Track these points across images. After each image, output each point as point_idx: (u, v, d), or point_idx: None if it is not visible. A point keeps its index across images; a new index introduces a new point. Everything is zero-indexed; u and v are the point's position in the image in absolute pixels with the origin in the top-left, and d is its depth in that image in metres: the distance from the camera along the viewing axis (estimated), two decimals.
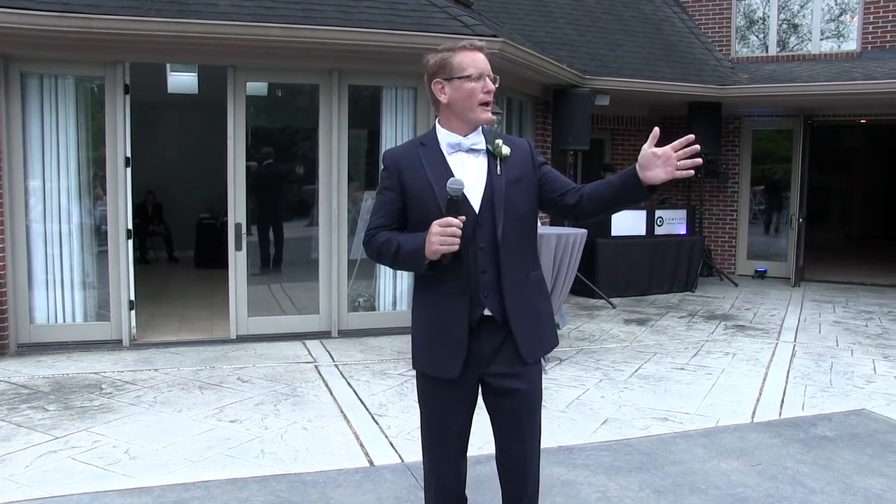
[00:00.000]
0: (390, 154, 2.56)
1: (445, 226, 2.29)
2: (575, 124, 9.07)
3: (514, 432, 2.53)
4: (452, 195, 2.32)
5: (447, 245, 2.30)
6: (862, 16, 11.02)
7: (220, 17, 6.15)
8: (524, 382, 2.49)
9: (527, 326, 2.48)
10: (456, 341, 2.44)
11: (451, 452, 2.61)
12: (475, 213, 2.42)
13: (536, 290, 2.56)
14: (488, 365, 2.48)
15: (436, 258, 2.34)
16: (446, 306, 2.46)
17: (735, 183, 11.73)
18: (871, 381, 5.79)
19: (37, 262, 6.41)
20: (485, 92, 2.42)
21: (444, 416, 2.55)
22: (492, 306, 2.44)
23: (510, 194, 2.45)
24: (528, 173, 2.51)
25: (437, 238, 2.30)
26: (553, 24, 10.59)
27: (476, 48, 2.47)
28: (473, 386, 2.53)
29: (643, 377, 5.84)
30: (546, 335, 2.58)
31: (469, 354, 2.45)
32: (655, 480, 3.85)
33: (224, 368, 5.87)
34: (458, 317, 2.43)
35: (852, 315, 8.58)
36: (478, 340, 2.46)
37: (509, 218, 2.44)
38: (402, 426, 4.57)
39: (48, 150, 6.37)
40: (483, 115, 2.45)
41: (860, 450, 4.32)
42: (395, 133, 7.24)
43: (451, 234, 2.30)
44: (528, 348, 2.49)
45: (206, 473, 3.85)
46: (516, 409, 2.50)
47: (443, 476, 2.64)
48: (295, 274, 8.15)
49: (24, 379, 5.49)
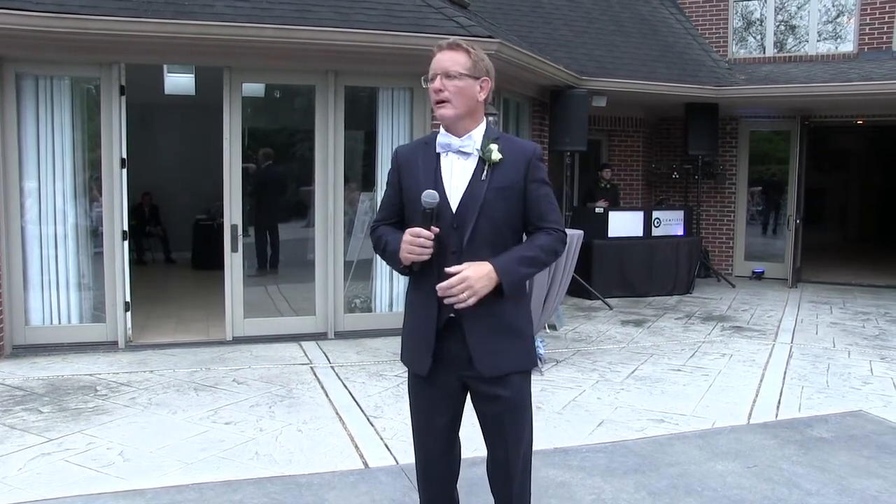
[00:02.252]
0: (397, 151, 2.62)
1: (415, 236, 2.34)
2: (572, 125, 9.07)
3: (496, 437, 2.52)
4: (426, 207, 2.33)
5: (415, 255, 2.35)
6: (859, 17, 11.04)
7: (216, 18, 6.14)
8: (506, 389, 2.46)
9: (484, 338, 2.42)
10: (425, 340, 2.48)
11: (437, 451, 2.60)
12: (452, 215, 2.41)
13: (510, 304, 2.44)
14: (467, 367, 2.46)
15: (407, 264, 2.40)
16: (421, 305, 2.50)
17: (732, 184, 11.73)
18: (868, 383, 5.79)
19: (32, 264, 6.39)
20: (434, 92, 2.42)
21: (428, 415, 2.57)
22: (457, 313, 2.42)
23: (490, 201, 2.40)
24: (517, 183, 2.43)
25: (405, 247, 2.36)
26: (550, 24, 10.59)
27: (441, 48, 2.45)
28: (456, 388, 2.52)
29: (640, 378, 5.83)
30: (511, 351, 2.46)
31: (442, 354, 2.47)
32: (651, 482, 3.84)
33: (220, 370, 5.85)
34: (428, 317, 2.46)
35: (849, 316, 8.58)
36: (451, 342, 2.46)
37: (484, 225, 2.40)
38: (397, 428, 4.56)
39: (43, 151, 6.35)
40: (438, 112, 2.44)
41: (857, 451, 4.31)
42: (391, 134, 7.23)
43: (419, 245, 2.34)
44: (485, 361, 2.42)
45: (201, 475, 3.83)
46: (499, 415, 2.48)
47: (429, 473, 2.65)
48: (291, 275, 8.13)
49: (18, 381, 5.47)
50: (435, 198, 2.33)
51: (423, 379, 2.51)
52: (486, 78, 2.45)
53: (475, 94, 2.43)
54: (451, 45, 2.45)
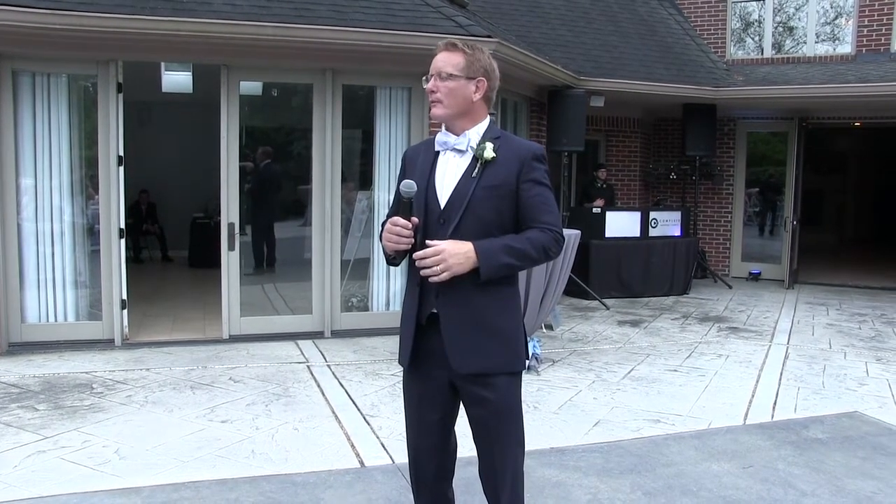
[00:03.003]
0: (408, 149, 2.67)
1: (393, 224, 2.36)
2: (569, 125, 9.07)
3: (484, 441, 2.50)
4: (404, 197, 2.35)
5: (393, 244, 2.36)
6: (857, 19, 11.05)
7: (214, 16, 6.13)
8: (491, 391, 2.42)
9: (457, 332, 2.40)
10: (408, 333, 2.50)
11: (428, 447, 2.59)
12: (440, 210, 2.43)
13: (493, 302, 2.42)
14: (448, 366, 2.44)
15: (389, 252, 2.41)
16: (408, 299, 2.54)
17: (729, 185, 11.74)
18: (864, 384, 5.80)
19: (28, 261, 6.38)
20: (427, 91, 2.46)
21: (418, 411, 2.57)
22: (437, 306, 2.44)
23: (478, 198, 2.39)
24: (509, 182, 2.39)
25: (385, 235, 2.39)
26: (548, 24, 10.59)
27: (441, 48, 2.48)
28: (444, 384, 2.50)
29: (636, 379, 5.83)
30: (492, 351, 2.41)
31: (426, 350, 2.48)
32: (647, 482, 3.84)
33: (216, 368, 5.85)
34: (410, 310, 2.49)
35: (846, 317, 8.60)
36: (433, 338, 2.45)
37: (470, 222, 2.38)
38: (393, 427, 4.56)
39: (40, 148, 6.34)
40: (431, 111, 2.49)
41: (852, 452, 4.32)
42: (388, 133, 7.23)
43: (395, 234, 2.35)
44: (457, 356, 2.40)
45: (197, 474, 3.83)
46: (485, 418, 2.46)
47: (420, 469, 2.64)
48: (288, 274, 8.12)
49: (14, 378, 5.46)
50: (412, 187, 2.34)
51: (411, 373, 2.55)
52: (481, 78, 2.43)
53: (469, 95, 2.43)
54: (447, 45, 2.47)
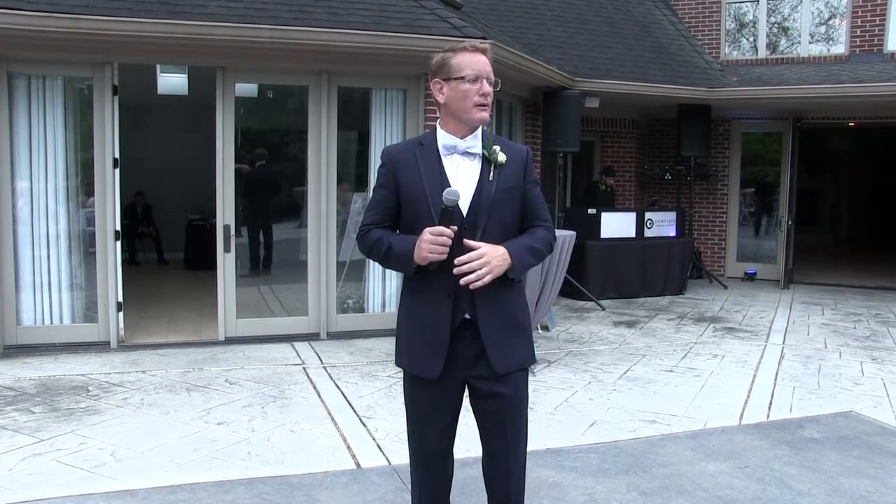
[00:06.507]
0: (388, 151, 2.57)
1: (437, 234, 2.33)
2: (565, 126, 9.08)
3: (497, 435, 2.53)
4: (447, 205, 2.32)
5: (436, 254, 2.34)
6: (850, 19, 11.09)
7: (209, 19, 6.13)
8: (508, 387, 2.48)
9: (499, 338, 2.46)
10: (438, 343, 2.45)
11: (436, 452, 2.60)
12: (463, 217, 2.42)
13: (516, 302, 2.53)
14: (472, 368, 2.48)
15: (424, 264, 2.38)
16: (431, 308, 2.47)
17: (724, 185, 11.77)
18: (859, 383, 5.82)
19: (24, 264, 6.37)
20: (480, 94, 2.42)
21: (428, 416, 2.56)
22: (472, 311, 2.45)
23: (500, 202, 2.44)
24: (519, 184, 2.50)
25: (427, 246, 2.33)
26: (543, 26, 10.61)
27: (478, 50, 2.47)
28: (458, 388, 2.53)
29: (632, 379, 5.84)
30: (518, 347, 2.51)
31: (451, 357, 2.46)
32: (643, 483, 3.85)
33: (212, 370, 5.84)
34: (441, 319, 2.45)
35: (841, 317, 8.62)
36: (460, 343, 2.46)
37: (495, 225, 2.44)
38: (389, 428, 4.56)
39: (36, 150, 6.33)
40: (478, 115, 2.44)
41: (847, 452, 4.33)
42: (384, 135, 7.23)
43: (440, 244, 2.33)
44: (499, 358, 2.46)
45: (193, 476, 3.83)
46: (500, 413, 2.50)
47: (427, 475, 2.64)
48: (284, 276, 8.13)
49: (9, 381, 5.45)
50: (457, 195, 2.33)
51: (428, 382, 2.50)
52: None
53: None
54: (483, 49, 2.48)
